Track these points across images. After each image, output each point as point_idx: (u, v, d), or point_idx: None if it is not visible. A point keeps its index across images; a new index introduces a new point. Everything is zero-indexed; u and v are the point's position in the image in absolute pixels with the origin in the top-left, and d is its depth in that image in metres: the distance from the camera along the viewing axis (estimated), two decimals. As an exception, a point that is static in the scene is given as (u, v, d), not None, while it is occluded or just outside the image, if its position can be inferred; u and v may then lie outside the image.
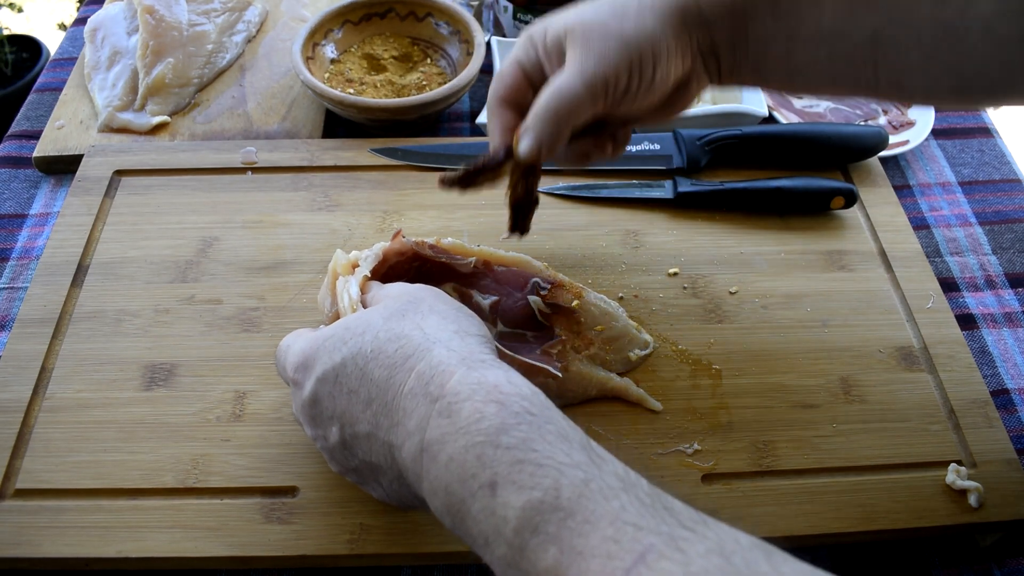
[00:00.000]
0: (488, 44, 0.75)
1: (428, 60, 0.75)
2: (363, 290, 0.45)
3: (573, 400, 0.49)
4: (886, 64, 0.42)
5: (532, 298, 0.51)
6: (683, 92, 0.47)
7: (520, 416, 0.32)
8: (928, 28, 0.40)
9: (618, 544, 0.28)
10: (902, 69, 0.42)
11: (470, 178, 0.47)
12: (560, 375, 0.47)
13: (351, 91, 0.70)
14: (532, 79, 0.47)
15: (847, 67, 0.43)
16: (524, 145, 0.44)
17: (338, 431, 0.38)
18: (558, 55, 0.45)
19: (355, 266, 0.50)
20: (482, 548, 0.31)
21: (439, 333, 0.37)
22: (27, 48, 1.76)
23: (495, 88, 0.47)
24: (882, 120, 0.74)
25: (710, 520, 0.29)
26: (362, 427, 0.37)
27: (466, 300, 0.51)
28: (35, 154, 0.67)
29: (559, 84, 0.43)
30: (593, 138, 0.49)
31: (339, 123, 0.73)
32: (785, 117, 0.74)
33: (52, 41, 1.83)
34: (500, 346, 0.45)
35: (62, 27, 2.02)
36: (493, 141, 0.47)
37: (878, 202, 0.63)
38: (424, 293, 0.41)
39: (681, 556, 0.27)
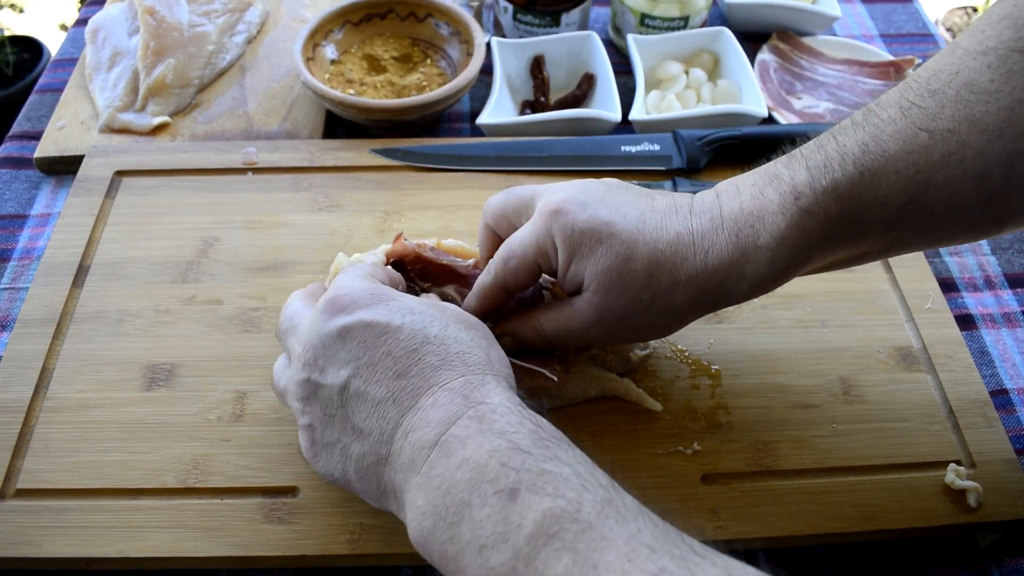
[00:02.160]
0: (488, 45, 0.75)
1: (428, 61, 0.75)
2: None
3: (573, 400, 0.49)
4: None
5: (545, 293, 0.51)
6: None
7: (551, 440, 0.34)
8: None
9: (632, 563, 0.28)
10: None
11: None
12: (556, 380, 0.47)
13: (351, 92, 0.70)
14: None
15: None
16: (506, 343, 0.44)
17: (346, 376, 0.37)
18: (574, 284, 0.43)
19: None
20: (470, 556, 0.31)
21: (499, 364, 0.39)
22: (28, 49, 1.76)
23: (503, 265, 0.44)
24: (882, 120, 0.74)
25: (717, 552, 0.29)
26: (378, 391, 0.36)
27: (467, 300, 0.51)
28: (36, 155, 0.67)
29: (572, 325, 0.43)
30: None
31: (339, 124, 0.73)
32: (785, 117, 0.74)
33: (53, 42, 1.83)
34: None
35: (63, 28, 2.02)
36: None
37: (877, 202, 0.63)
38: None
39: None
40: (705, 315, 0.43)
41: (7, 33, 1.78)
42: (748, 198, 0.40)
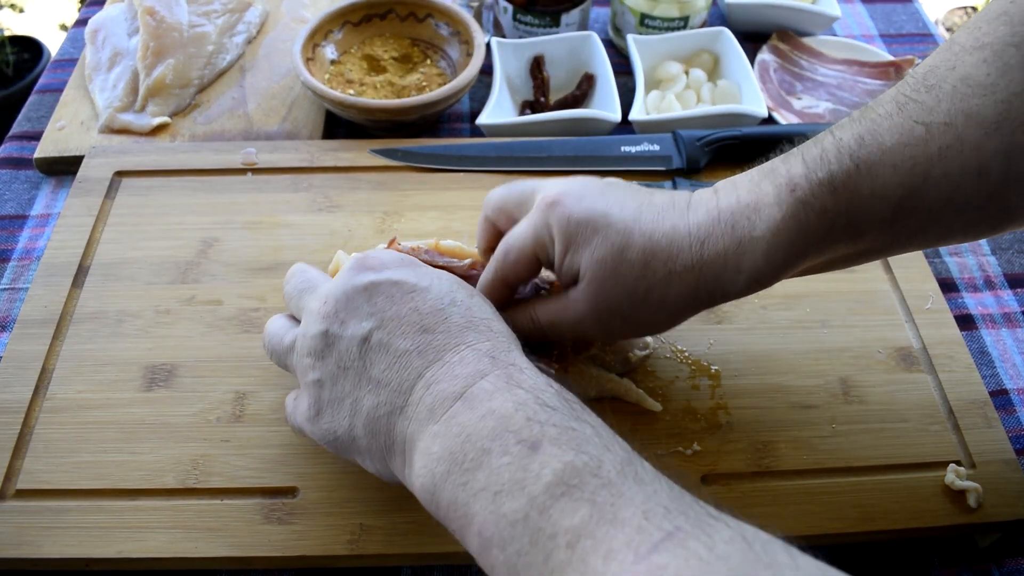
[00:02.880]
0: (488, 45, 0.75)
1: (428, 61, 0.75)
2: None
3: (573, 401, 0.49)
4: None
5: (543, 293, 0.51)
6: None
7: (576, 403, 0.35)
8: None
9: (649, 520, 0.29)
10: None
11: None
12: (552, 372, 0.47)
13: (351, 92, 0.70)
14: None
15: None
16: None
17: (368, 328, 0.38)
18: (570, 275, 0.43)
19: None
20: (482, 501, 0.32)
21: (516, 342, 0.40)
22: (28, 49, 1.76)
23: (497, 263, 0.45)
24: (882, 121, 0.74)
25: (731, 516, 0.30)
26: (402, 343, 0.37)
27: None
28: (36, 155, 0.67)
29: (565, 316, 0.43)
30: None
31: (339, 124, 0.73)
32: (785, 117, 0.74)
33: (53, 42, 1.83)
34: None
35: (63, 28, 2.02)
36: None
37: (877, 203, 0.63)
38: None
39: (707, 539, 0.28)
40: (701, 311, 0.43)
41: (7, 33, 1.78)
42: (745, 191, 0.40)
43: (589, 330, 0.43)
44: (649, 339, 0.52)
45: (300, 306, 0.43)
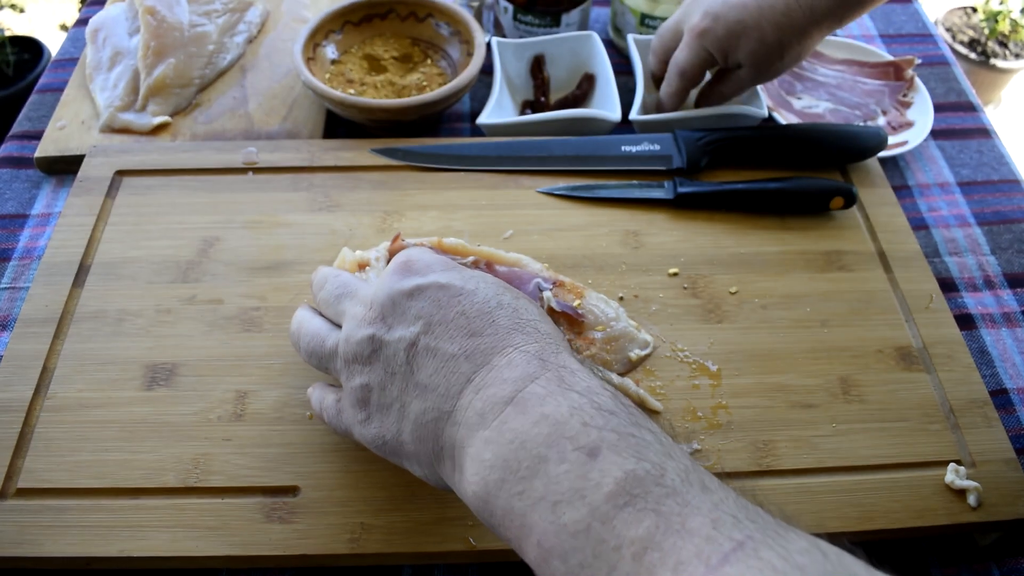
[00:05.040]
0: (488, 45, 0.75)
1: (428, 61, 0.75)
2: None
3: (573, 400, 0.49)
4: None
5: (546, 293, 0.51)
6: None
7: (633, 407, 0.34)
8: None
9: (718, 530, 0.28)
10: None
11: None
12: None
13: (352, 92, 0.70)
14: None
15: None
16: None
17: (415, 332, 0.37)
18: (735, 63, 0.64)
19: (361, 265, 0.50)
20: (540, 511, 0.30)
21: (565, 343, 0.39)
22: (28, 49, 1.77)
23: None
24: (881, 121, 0.74)
25: (799, 529, 0.29)
26: (450, 347, 0.36)
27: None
28: (36, 154, 0.67)
29: (741, 85, 0.66)
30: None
31: (340, 123, 0.73)
32: (785, 117, 0.74)
33: (53, 42, 1.83)
34: None
35: (63, 28, 2.02)
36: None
37: (877, 202, 0.63)
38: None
39: (781, 549, 0.27)
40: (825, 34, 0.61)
41: (7, 33, 1.78)
42: None
43: (752, 84, 0.66)
44: (649, 338, 0.53)
45: (340, 311, 0.42)
